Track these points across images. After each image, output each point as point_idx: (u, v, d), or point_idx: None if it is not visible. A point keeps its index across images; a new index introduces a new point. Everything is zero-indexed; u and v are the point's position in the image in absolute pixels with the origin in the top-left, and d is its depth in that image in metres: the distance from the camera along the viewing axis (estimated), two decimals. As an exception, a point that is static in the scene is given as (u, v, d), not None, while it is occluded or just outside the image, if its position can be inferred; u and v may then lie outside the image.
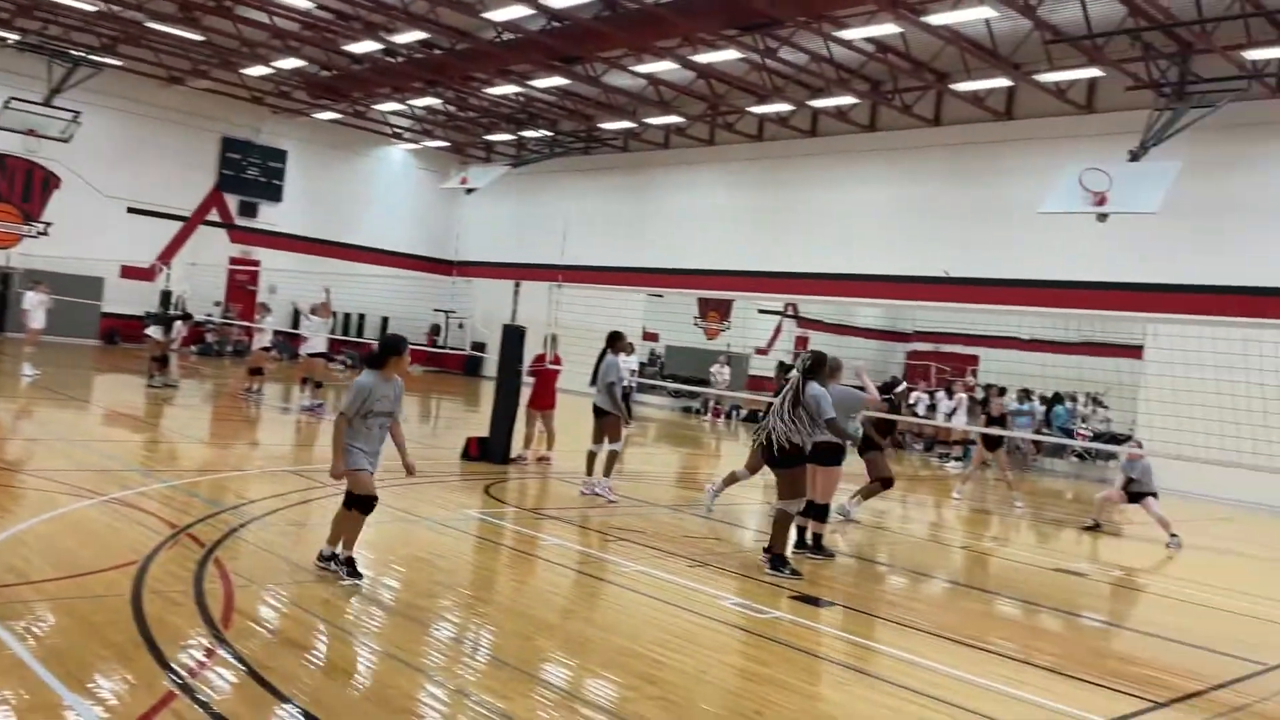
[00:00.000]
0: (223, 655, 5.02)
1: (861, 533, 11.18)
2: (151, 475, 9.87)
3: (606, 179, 33.13)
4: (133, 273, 28.47)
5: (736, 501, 13.64)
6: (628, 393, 13.17)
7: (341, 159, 35.23)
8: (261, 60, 27.01)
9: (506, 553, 8.60)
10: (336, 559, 6.65)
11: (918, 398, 24.94)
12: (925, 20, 18.49)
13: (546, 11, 20.79)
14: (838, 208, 26.54)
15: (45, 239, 28.92)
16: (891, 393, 11.78)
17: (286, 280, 28.44)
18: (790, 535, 8.50)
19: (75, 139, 28.38)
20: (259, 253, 32.81)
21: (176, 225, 31.59)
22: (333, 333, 19.46)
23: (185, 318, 20.54)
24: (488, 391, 14.43)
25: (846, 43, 20.98)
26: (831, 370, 9.21)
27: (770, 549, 8.31)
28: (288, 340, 30.33)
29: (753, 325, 28.49)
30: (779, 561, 8.21)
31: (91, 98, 28.53)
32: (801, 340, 28.82)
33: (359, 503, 6.55)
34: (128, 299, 28.49)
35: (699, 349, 29.74)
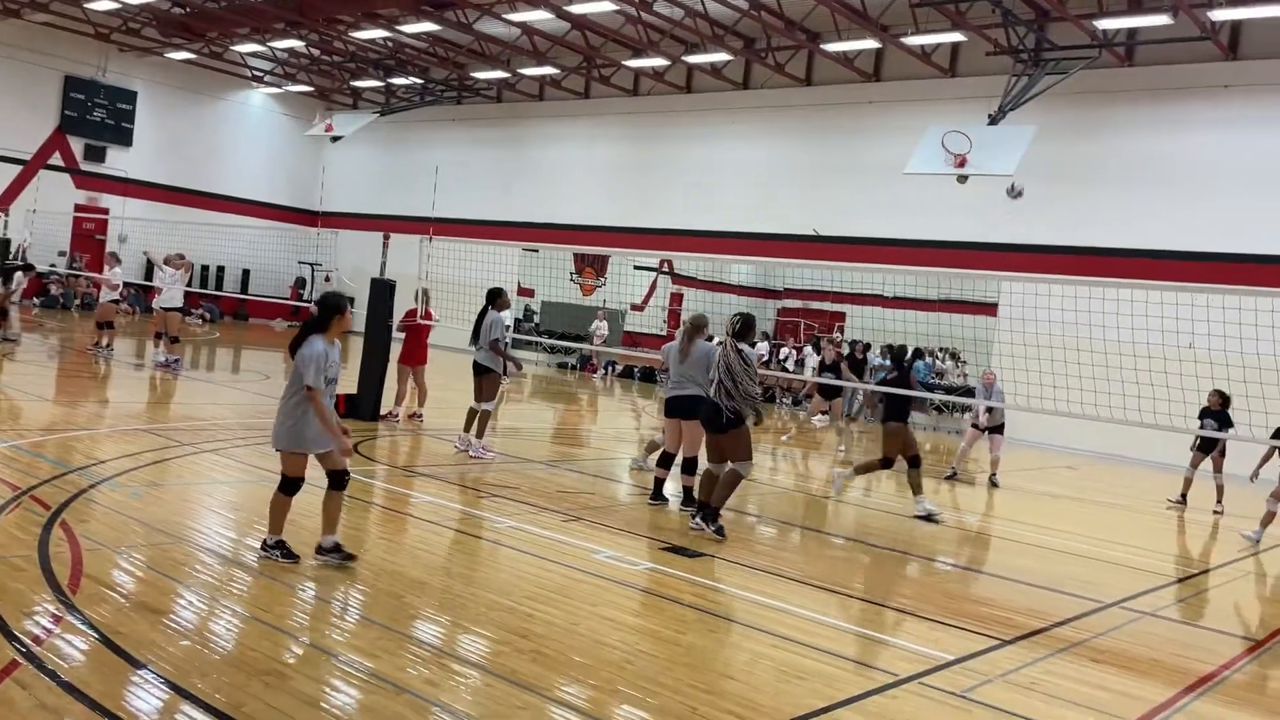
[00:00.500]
0: (71, 622, 4.79)
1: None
2: (-11, 436, 9.27)
3: (479, 130, 32.48)
4: (-35, 219, 26.49)
5: (612, 456, 13.75)
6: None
7: (197, 102, 33.42)
8: (107, -7, 25.32)
9: (377, 511, 8.44)
10: (282, 547, 6.18)
11: (787, 353, 25.57)
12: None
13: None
14: (712, 165, 26.74)
15: None
16: (902, 363, 11.33)
17: (139, 230, 26.97)
18: (669, 488, 8.50)
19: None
20: (108, 200, 30.97)
21: (15, 169, 29.43)
22: (190, 285, 18.55)
23: (26, 268, 19.34)
24: (356, 347, 14.04)
25: (721, -2, 21.05)
26: (697, 327, 9.30)
27: (708, 501, 8.26)
28: (141, 293, 28.85)
29: (628, 282, 28.57)
30: (711, 515, 8.15)
31: (-87, 27, 26.28)
32: (676, 297, 29.08)
33: (291, 485, 6.15)
34: (-40, 247, 26.53)
35: (575, 305, 29.67)
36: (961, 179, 18.69)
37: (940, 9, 19.69)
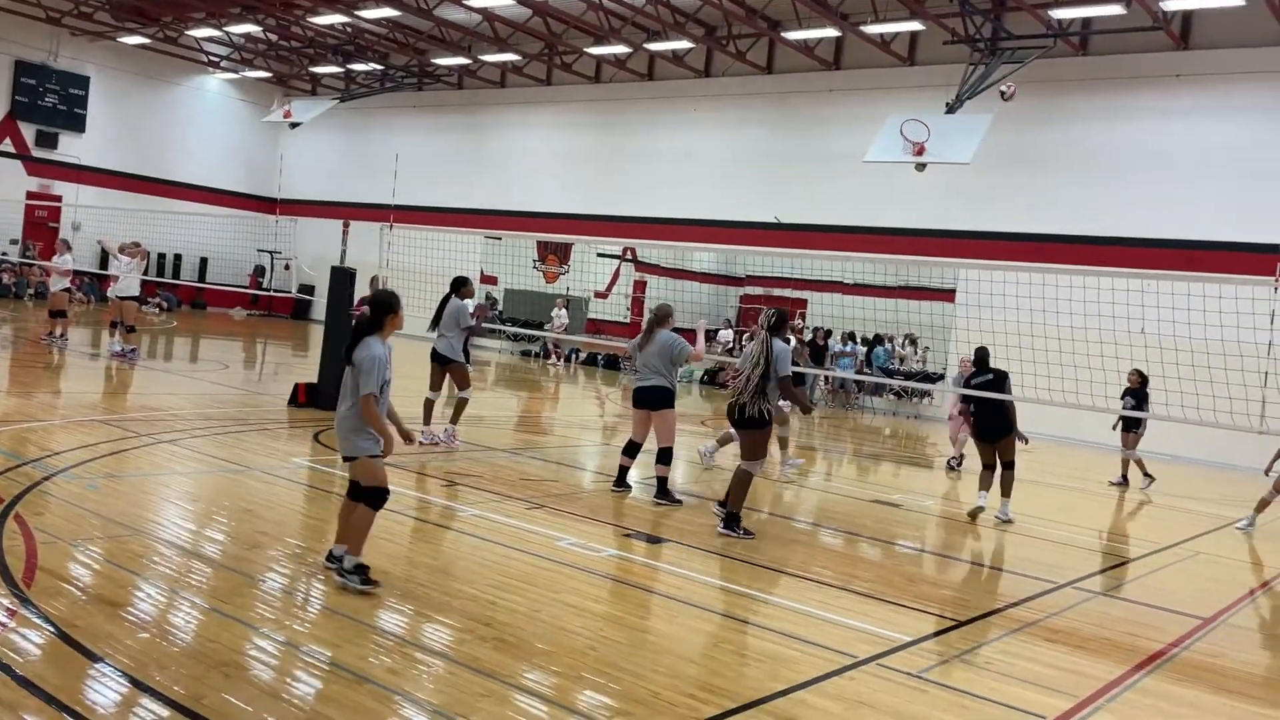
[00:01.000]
0: (26, 615, 4.73)
1: (696, 470, 11.50)
2: (-60, 428, 9.11)
3: (440, 117, 32.23)
4: (-88, 207, 25.93)
5: (576, 443, 13.78)
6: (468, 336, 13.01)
7: (152, 88, 32.83)
8: (56, -24, 24.77)
9: (338, 501, 8.39)
10: (363, 572, 5.71)
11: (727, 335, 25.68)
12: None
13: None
14: (674, 153, 26.76)
15: None
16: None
17: (93, 217, 26.49)
18: (745, 495, 8.21)
19: None
20: (61, 187, 30.38)
21: (-38, 156, 28.85)
22: (146, 274, 18.27)
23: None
24: (317, 336, 13.93)
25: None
26: (660, 318, 9.24)
27: (725, 506, 8.21)
28: (96, 282, 28.38)
29: (591, 269, 28.54)
30: (733, 520, 8.07)
31: None
32: (640, 284, 29.10)
33: (372, 495, 5.76)
34: (-93, 236, 25.97)
35: (538, 292, 29.60)
36: (920, 167, 18.88)
37: (900, -3, 19.84)
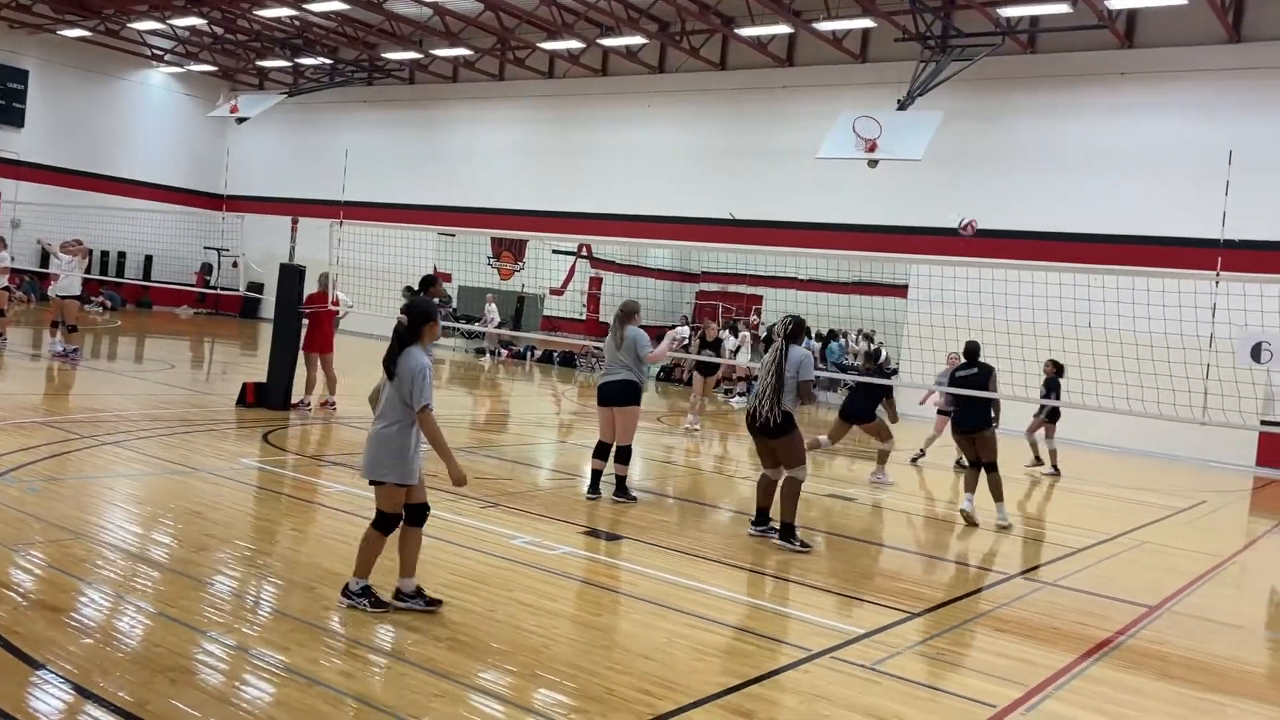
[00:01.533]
0: (-38, 625, 4.60)
1: (653, 468, 11.51)
2: None
3: (391, 112, 31.90)
4: None
5: (534, 442, 13.73)
6: None
7: (94, 81, 32.10)
8: (-8, -34, 24.11)
9: (287, 502, 8.29)
10: (370, 594, 5.45)
11: (687, 334, 25.74)
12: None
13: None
14: (628, 149, 26.74)
15: None
16: (877, 364, 12.28)
17: (33, 215, 25.84)
18: (799, 504, 8.02)
19: None
20: (-2, 183, 29.61)
21: (-106, 151, 28.01)
22: (88, 272, 17.86)
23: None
24: (266, 334, 13.72)
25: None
26: (628, 314, 9.13)
27: (757, 524, 8.11)
28: (37, 280, 27.74)
29: (547, 266, 28.44)
30: (789, 532, 7.91)
31: None
32: (596, 281, 29.05)
33: (382, 520, 5.49)
34: None
35: (494, 290, 29.43)
36: (872, 163, 19.04)
37: (851, -5, 19.99)
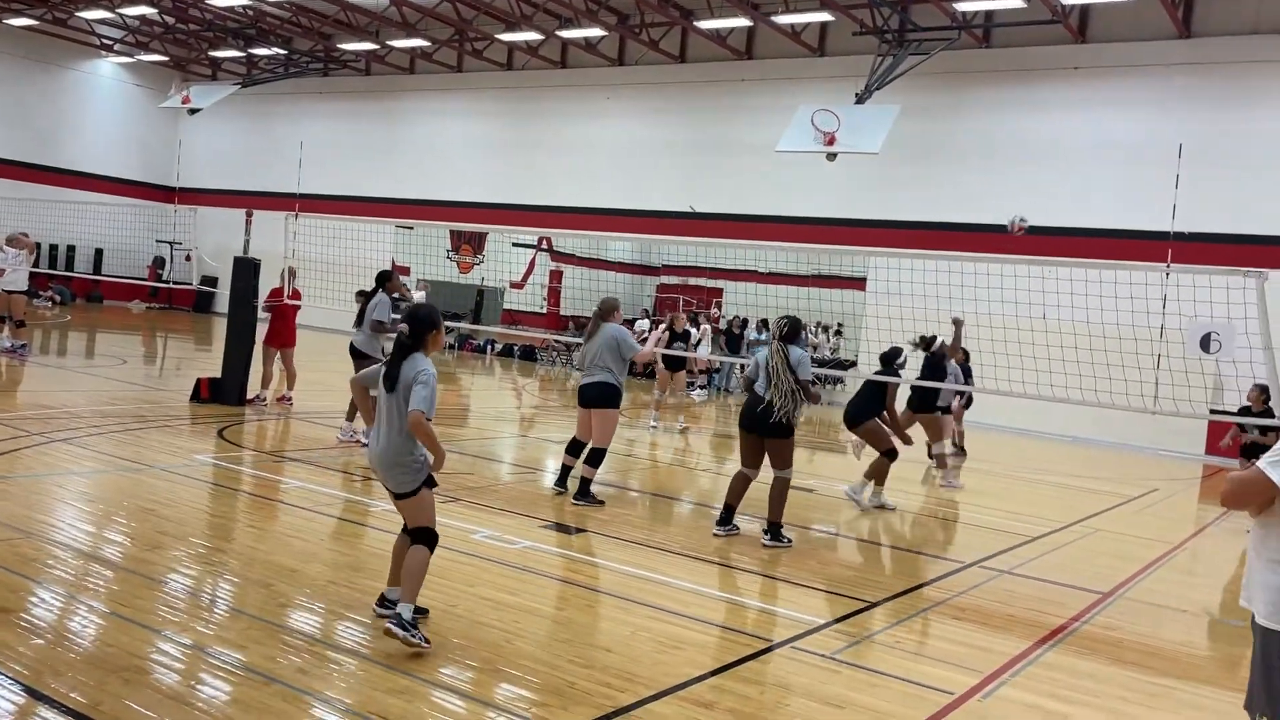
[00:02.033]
0: (-94, 628, 4.49)
1: (615, 460, 11.49)
2: None
3: (348, 103, 31.55)
4: None
5: (495, 436, 13.66)
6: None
7: (41, 71, 31.40)
8: (-67, -49, 23.48)
9: (244, 499, 8.18)
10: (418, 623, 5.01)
11: (665, 328, 25.76)
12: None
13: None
14: (589, 142, 26.67)
15: None
16: (930, 350, 11.18)
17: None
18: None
19: None
20: (-59, 175, 28.89)
21: None
22: (36, 266, 17.47)
23: None
24: (221, 329, 13.52)
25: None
26: (606, 311, 8.94)
27: (770, 520, 7.98)
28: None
29: (507, 259, 28.31)
30: (775, 530, 7.89)
31: None
32: (556, 274, 28.97)
33: (425, 536, 5.12)
34: None
35: (453, 283, 29.24)
36: (831, 157, 19.15)
37: (809, -12, 20.08)
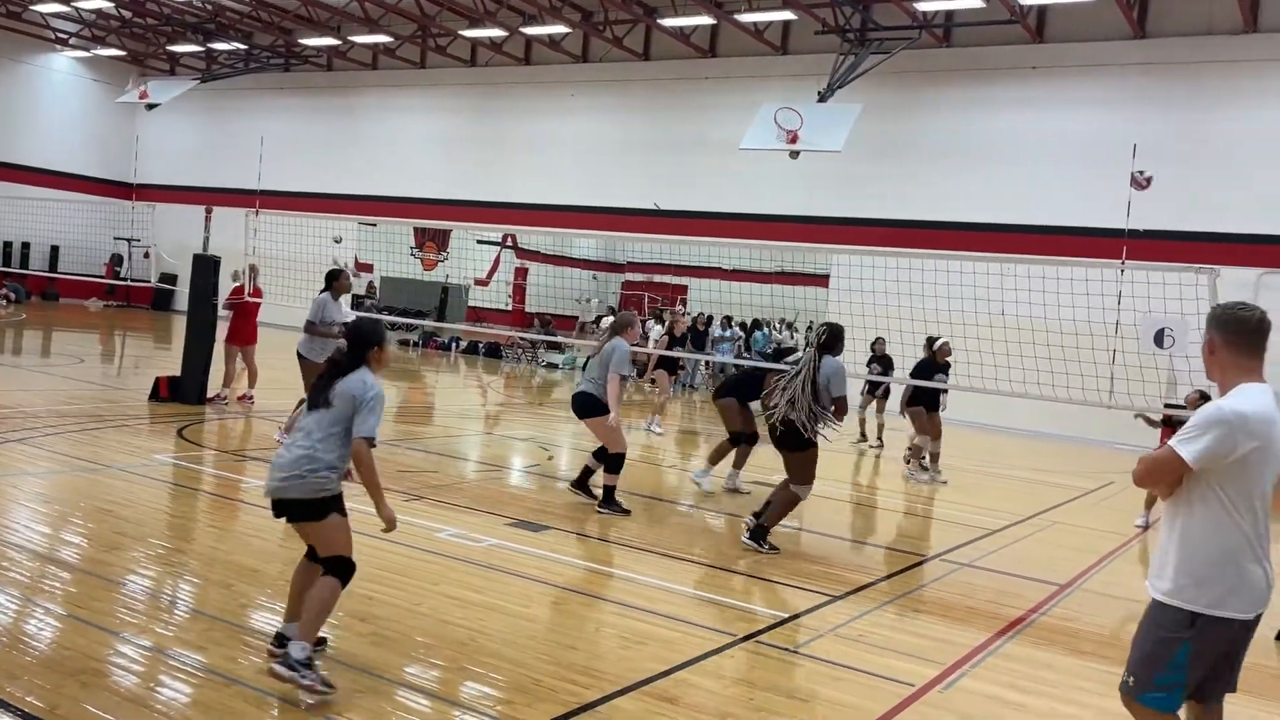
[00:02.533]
0: None
1: (581, 457, 11.49)
2: None
3: (309, 99, 31.23)
4: None
5: (460, 434, 13.62)
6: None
7: (-7, 65, 30.80)
8: (-121, -59, 22.94)
9: (204, 498, 8.09)
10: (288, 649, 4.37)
11: (664, 333, 25.80)
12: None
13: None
14: (553, 139, 26.60)
15: None
16: (932, 349, 11.56)
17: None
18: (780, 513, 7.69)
19: None
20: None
21: None
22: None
23: None
24: (180, 327, 13.36)
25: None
26: (620, 327, 8.67)
27: (759, 518, 7.78)
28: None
29: (471, 256, 28.18)
30: (760, 534, 7.68)
31: None
32: (521, 271, 28.88)
33: (346, 569, 4.60)
34: None
35: (416, 280, 29.06)
36: (794, 155, 19.25)
37: (772, -13, 20.15)
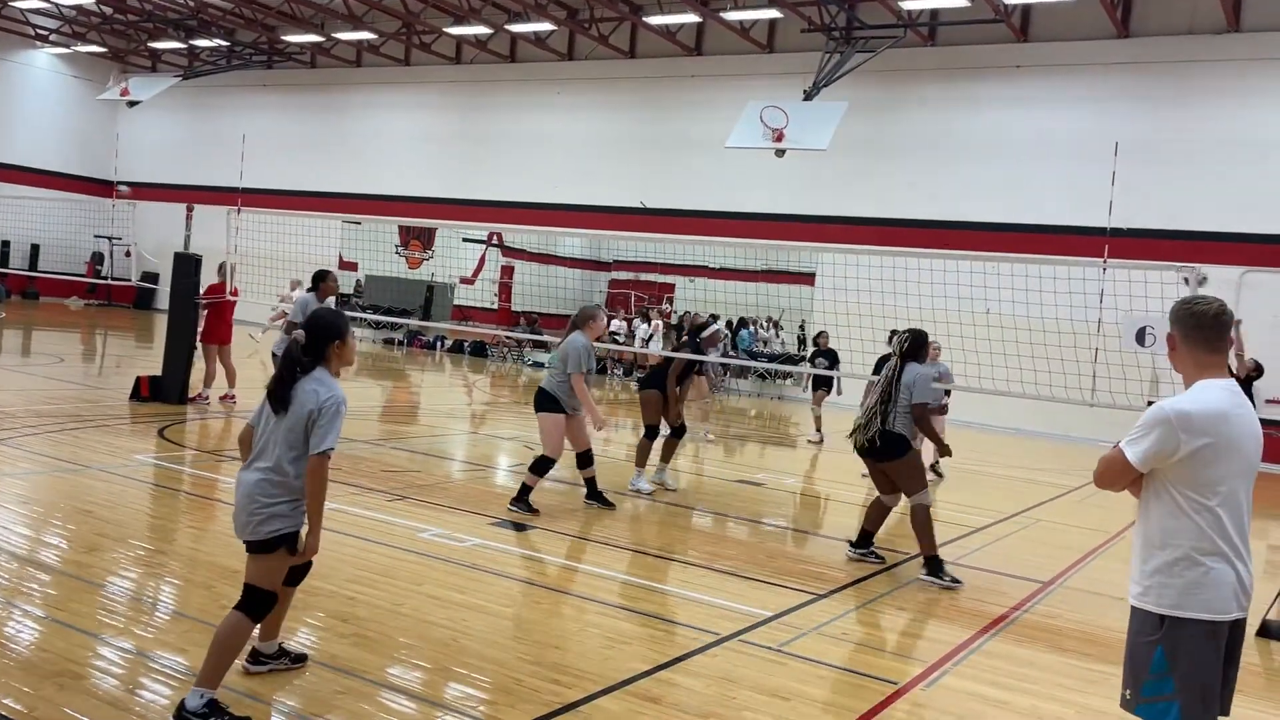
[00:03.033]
0: None
1: (569, 457, 11.46)
2: None
3: (293, 96, 31.08)
4: None
5: (445, 433, 13.58)
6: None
7: (-28, 62, 30.54)
8: None
9: (185, 499, 8.04)
10: (267, 656, 4.47)
11: (618, 324, 25.81)
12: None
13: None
14: (539, 137, 26.56)
15: None
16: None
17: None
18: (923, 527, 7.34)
19: None
20: None
21: None
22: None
23: None
24: (161, 325, 13.26)
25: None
26: (581, 319, 8.42)
27: (856, 545, 7.68)
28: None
29: (457, 254, 28.09)
30: (936, 566, 7.26)
31: None
32: (507, 270, 28.81)
33: (255, 600, 4.08)
34: None
35: (401, 279, 28.96)
36: (779, 153, 19.28)
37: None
